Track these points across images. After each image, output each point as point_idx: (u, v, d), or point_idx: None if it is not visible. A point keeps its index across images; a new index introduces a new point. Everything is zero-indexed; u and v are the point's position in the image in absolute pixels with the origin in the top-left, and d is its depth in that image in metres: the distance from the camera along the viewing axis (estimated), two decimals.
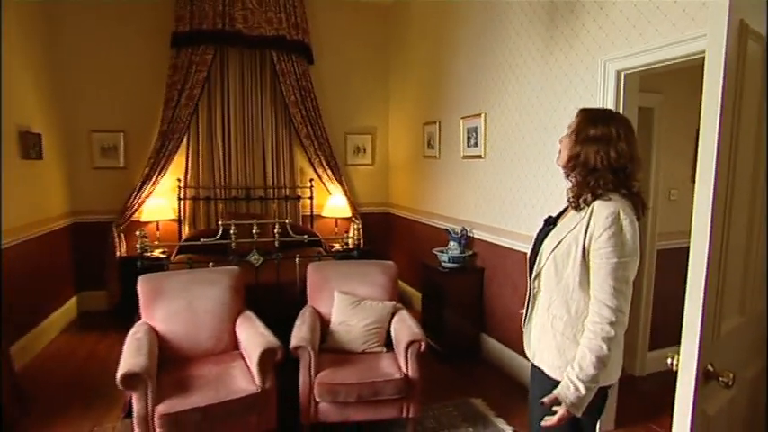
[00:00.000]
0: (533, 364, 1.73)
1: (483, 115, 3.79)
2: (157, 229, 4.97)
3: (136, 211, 4.83)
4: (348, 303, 3.08)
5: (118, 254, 4.74)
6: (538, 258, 1.66)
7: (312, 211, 5.52)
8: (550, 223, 1.73)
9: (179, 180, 5.03)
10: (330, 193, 5.52)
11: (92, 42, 4.75)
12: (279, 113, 5.32)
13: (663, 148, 3.47)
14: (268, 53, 5.07)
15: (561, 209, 1.75)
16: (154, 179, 4.79)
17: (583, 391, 1.46)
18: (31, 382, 3.27)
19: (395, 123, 5.77)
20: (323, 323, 3.09)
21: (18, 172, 3.70)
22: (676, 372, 1.39)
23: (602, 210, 1.50)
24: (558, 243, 1.58)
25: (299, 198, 5.50)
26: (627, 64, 2.50)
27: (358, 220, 5.44)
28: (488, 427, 2.89)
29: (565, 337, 1.58)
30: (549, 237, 1.64)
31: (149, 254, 4.20)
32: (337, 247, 5.07)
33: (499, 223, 3.70)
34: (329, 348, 2.96)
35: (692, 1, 2.16)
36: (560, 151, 1.66)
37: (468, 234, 4.02)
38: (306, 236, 3.89)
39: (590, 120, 1.58)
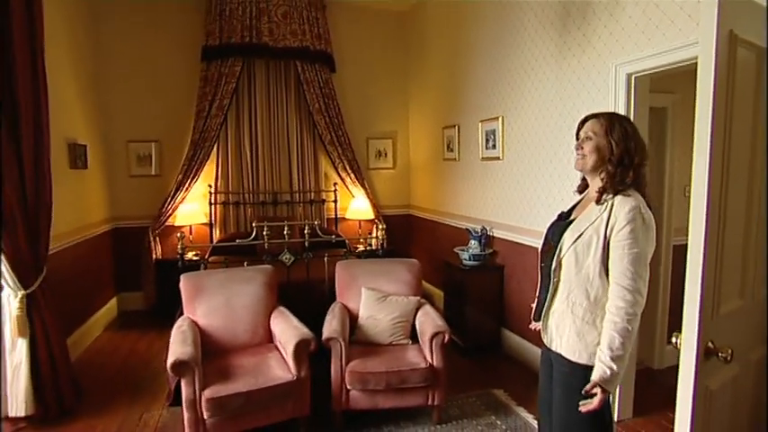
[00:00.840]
0: (548, 350, 1.86)
1: (500, 118, 3.94)
2: (190, 233, 5.24)
3: (170, 215, 5.10)
4: (375, 299, 3.26)
5: (154, 257, 5.01)
6: (558, 250, 1.76)
7: (336, 214, 5.73)
8: (564, 218, 1.87)
9: (210, 186, 5.30)
10: (353, 196, 5.72)
11: (129, 59, 5.06)
12: (303, 120, 5.55)
13: (677, 145, 3.56)
14: (293, 63, 5.31)
15: (571, 204, 1.92)
16: (187, 185, 5.06)
17: (617, 370, 1.58)
18: (82, 375, 3.52)
19: (415, 127, 5.95)
20: (351, 318, 3.28)
21: (67, 180, 4.01)
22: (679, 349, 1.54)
23: (623, 204, 1.63)
24: (579, 235, 1.69)
25: (323, 201, 5.72)
26: (637, 67, 2.63)
27: (381, 222, 5.62)
28: (510, 415, 3.03)
29: (585, 322, 1.69)
30: (569, 230, 1.75)
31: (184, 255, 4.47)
32: (361, 248, 5.26)
33: (518, 222, 3.84)
34: (358, 341, 3.14)
35: (697, 8, 2.28)
36: (584, 156, 1.76)
37: (488, 233, 4.16)
38: (333, 236, 4.08)
39: (606, 123, 1.72)
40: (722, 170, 1.46)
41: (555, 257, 1.77)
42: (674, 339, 1.59)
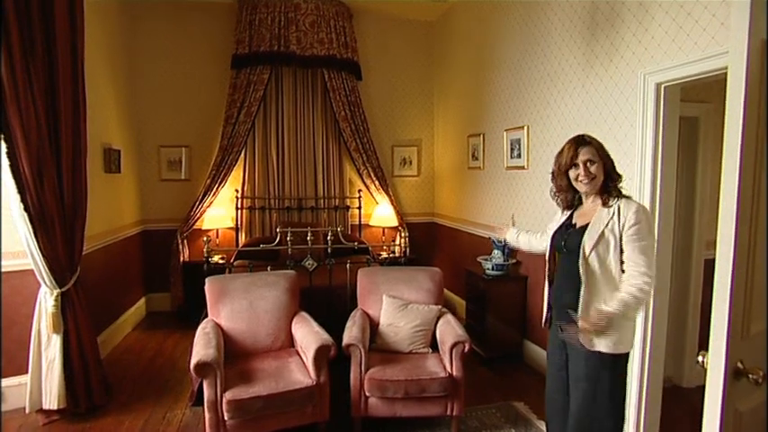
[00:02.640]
0: (581, 348, 2.02)
1: (526, 128, 3.90)
2: (217, 237, 5.35)
3: (198, 219, 5.23)
4: (396, 306, 3.26)
5: (181, 259, 5.14)
6: (581, 252, 2.01)
7: (360, 221, 5.77)
8: (570, 227, 2.16)
9: (237, 191, 5.41)
10: (377, 203, 5.75)
11: (163, 68, 5.25)
12: (329, 128, 5.62)
13: (710, 156, 3.46)
14: (319, 71, 5.40)
15: (566, 216, 2.23)
16: (214, 190, 5.18)
17: (620, 309, 1.89)
18: (111, 372, 3.64)
19: (440, 135, 5.95)
20: (372, 325, 3.29)
21: (102, 184, 4.16)
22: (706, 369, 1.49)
23: (629, 207, 1.99)
24: (598, 239, 1.99)
25: (348, 208, 5.77)
26: (666, 77, 2.57)
27: (404, 230, 5.63)
28: (530, 428, 2.98)
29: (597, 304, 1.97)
30: (586, 235, 2.02)
31: (210, 259, 4.57)
32: (384, 255, 5.27)
33: (540, 230, 3.78)
34: (378, 348, 3.15)
35: (730, 15, 2.22)
36: (593, 178, 2.05)
37: None
38: (356, 243, 4.10)
39: (597, 145, 2.09)
40: (753, 184, 1.42)
41: (581, 260, 2.00)
42: (700, 358, 1.54)
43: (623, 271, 1.97)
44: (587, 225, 2.05)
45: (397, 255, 4.76)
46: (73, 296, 3.13)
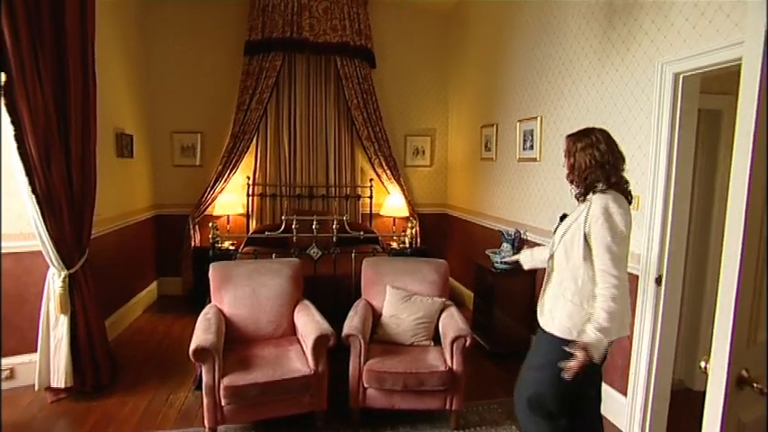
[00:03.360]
0: (542, 331, 2.10)
1: (539, 118, 3.79)
2: (228, 223, 5.39)
3: (209, 205, 5.27)
4: (399, 298, 3.23)
5: (192, 244, 5.19)
6: (551, 244, 2.12)
7: (371, 210, 5.73)
8: (563, 218, 2.17)
9: (248, 178, 5.42)
10: (389, 193, 5.70)
11: (176, 54, 5.26)
12: (341, 116, 5.57)
13: (732, 150, 3.29)
14: (332, 59, 5.34)
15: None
16: (226, 176, 5.20)
17: (602, 337, 1.86)
18: (119, 353, 3.70)
19: (454, 126, 5.85)
20: (375, 315, 3.26)
21: (114, 168, 4.21)
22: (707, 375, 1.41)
23: (597, 202, 1.94)
24: (566, 231, 2.04)
25: (359, 197, 5.73)
26: (685, 66, 2.45)
27: (415, 220, 5.58)
28: None
29: (573, 303, 1.99)
30: (560, 227, 2.10)
31: (220, 245, 4.59)
32: (394, 245, 5.22)
33: (552, 226, 3.68)
34: (379, 340, 3.12)
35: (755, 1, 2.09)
36: (568, 173, 2.12)
37: (522, 236, 4.02)
38: (361, 232, 4.07)
39: (575, 139, 2.08)
40: (766, 181, 1.32)
41: (549, 251, 2.14)
42: (702, 364, 1.47)
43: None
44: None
45: (407, 245, 4.70)
46: (80, 278, 3.17)
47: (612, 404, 3.01)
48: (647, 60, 2.70)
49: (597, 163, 1.98)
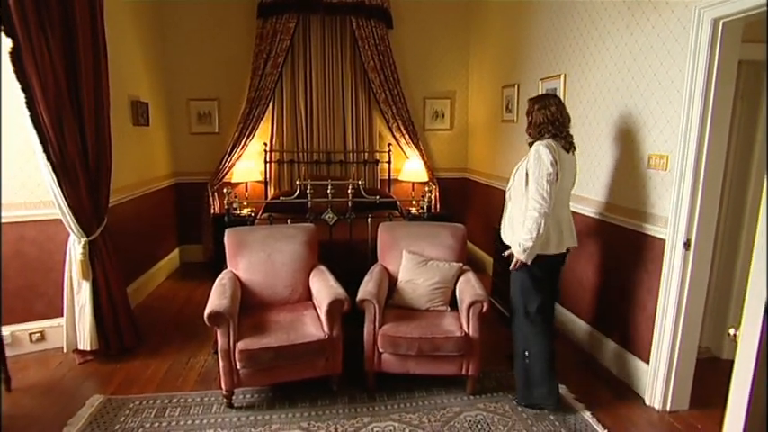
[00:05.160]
0: (503, 244, 2.80)
1: (562, 76, 3.58)
2: (246, 190, 5.39)
3: (227, 172, 5.26)
4: (416, 263, 3.18)
5: (212, 212, 5.23)
6: (510, 180, 2.73)
7: (390, 175, 5.64)
8: None
9: (265, 144, 5.38)
10: (408, 158, 5.58)
11: (190, 20, 5.15)
12: (358, 79, 5.42)
13: None
14: (348, 19, 5.15)
15: None
16: (243, 143, 5.17)
17: (523, 247, 2.51)
18: (142, 318, 3.80)
19: (474, 87, 5.63)
20: (391, 280, 3.23)
21: (130, 137, 4.21)
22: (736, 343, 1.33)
23: (535, 147, 2.56)
24: (517, 170, 2.68)
25: (377, 162, 5.64)
26: (726, 10, 2.23)
27: (435, 185, 5.47)
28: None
29: (518, 223, 2.62)
30: (516, 166, 2.70)
31: (238, 212, 4.60)
32: (413, 210, 5.15)
33: (576, 189, 3.54)
34: (395, 304, 3.09)
35: None
36: (527, 127, 2.74)
37: None
38: (377, 197, 4.00)
39: (534, 101, 2.71)
40: None
41: (508, 185, 2.75)
42: (731, 331, 1.38)
43: None
44: None
45: (425, 210, 4.62)
46: (100, 245, 3.22)
47: (634, 371, 2.94)
48: (682, 6, 2.47)
49: (548, 120, 2.59)
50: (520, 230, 2.55)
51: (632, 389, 2.93)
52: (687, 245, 2.53)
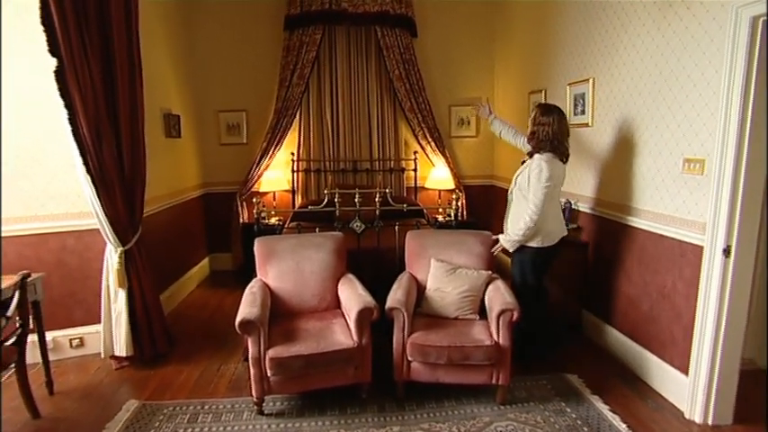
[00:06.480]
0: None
1: (591, 80, 3.53)
2: (274, 199, 5.48)
3: (256, 182, 5.36)
4: (444, 271, 3.16)
5: (240, 221, 5.32)
6: (512, 183, 3.19)
7: (416, 183, 5.65)
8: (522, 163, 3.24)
9: (292, 154, 5.46)
10: (434, 165, 5.57)
11: (218, 34, 5.31)
12: (384, 88, 5.46)
13: None
14: (373, 29, 5.21)
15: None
16: (270, 153, 5.26)
17: (510, 239, 3.11)
18: (174, 325, 3.89)
19: (500, 94, 5.60)
20: (419, 289, 3.22)
21: (162, 148, 4.35)
22: None
23: (536, 160, 2.99)
24: (519, 175, 3.13)
25: (403, 170, 5.65)
26: (765, 8, 2.15)
27: (461, 192, 5.44)
28: (582, 403, 2.81)
29: (519, 221, 3.05)
30: (516, 173, 3.17)
31: (266, 221, 4.67)
32: (440, 218, 5.13)
33: (607, 196, 3.47)
34: (424, 313, 3.08)
35: None
36: (529, 137, 3.13)
37: (573, 207, 3.82)
38: (404, 205, 4.00)
39: (541, 112, 3.05)
40: None
41: (510, 187, 3.22)
42: None
43: None
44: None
45: (452, 218, 4.60)
46: (135, 254, 3.32)
47: (672, 384, 2.84)
48: (718, 6, 2.41)
49: (549, 138, 2.97)
50: (513, 226, 3.11)
51: (670, 401, 2.83)
52: (727, 252, 2.44)
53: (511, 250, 3.11)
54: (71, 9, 2.79)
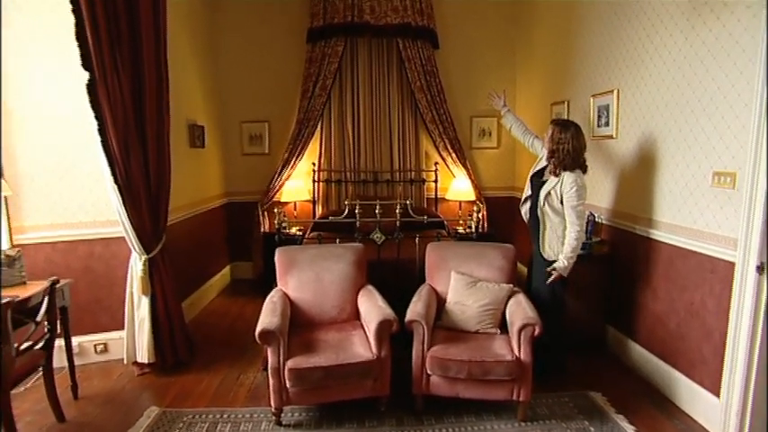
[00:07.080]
0: (542, 257, 3.15)
1: (615, 92, 3.48)
2: (295, 209, 5.52)
3: (277, 192, 5.42)
4: (464, 284, 3.13)
5: (261, 230, 5.38)
6: (539, 201, 3.11)
7: (436, 194, 5.63)
8: (534, 177, 3.28)
9: (313, 164, 5.51)
10: (454, 177, 5.55)
11: (242, 47, 5.42)
12: (405, 99, 5.48)
13: None
14: (394, 41, 5.25)
15: (539, 167, 3.25)
16: (292, 163, 5.32)
17: (567, 264, 3.00)
18: (195, 333, 3.93)
19: (522, 105, 5.55)
20: (439, 301, 3.19)
21: (187, 158, 4.44)
22: None
23: (568, 177, 2.98)
24: (548, 194, 3.06)
25: (423, 181, 5.64)
26: None
27: (482, 204, 5.40)
28: (606, 423, 2.72)
29: (558, 241, 3.06)
30: (542, 190, 3.11)
31: (287, 231, 4.71)
32: (460, 230, 5.10)
33: (632, 209, 3.40)
34: (444, 326, 3.05)
35: None
36: (549, 155, 3.09)
37: (596, 220, 3.75)
38: (425, 216, 3.99)
39: (559, 130, 3.03)
40: None
41: (538, 208, 3.13)
42: None
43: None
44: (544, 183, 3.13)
45: (473, 229, 4.57)
46: (159, 262, 3.38)
47: (701, 405, 2.74)
48: (750, 15, 2.35)
49: (570, 154, 2.96)
50: (560, 247, 3.04)
51: (700, 423, 2.73)
52: (761, 269, 2.35)
53: (566, 274, 3.03)
54: (104, 26, 2.88)
